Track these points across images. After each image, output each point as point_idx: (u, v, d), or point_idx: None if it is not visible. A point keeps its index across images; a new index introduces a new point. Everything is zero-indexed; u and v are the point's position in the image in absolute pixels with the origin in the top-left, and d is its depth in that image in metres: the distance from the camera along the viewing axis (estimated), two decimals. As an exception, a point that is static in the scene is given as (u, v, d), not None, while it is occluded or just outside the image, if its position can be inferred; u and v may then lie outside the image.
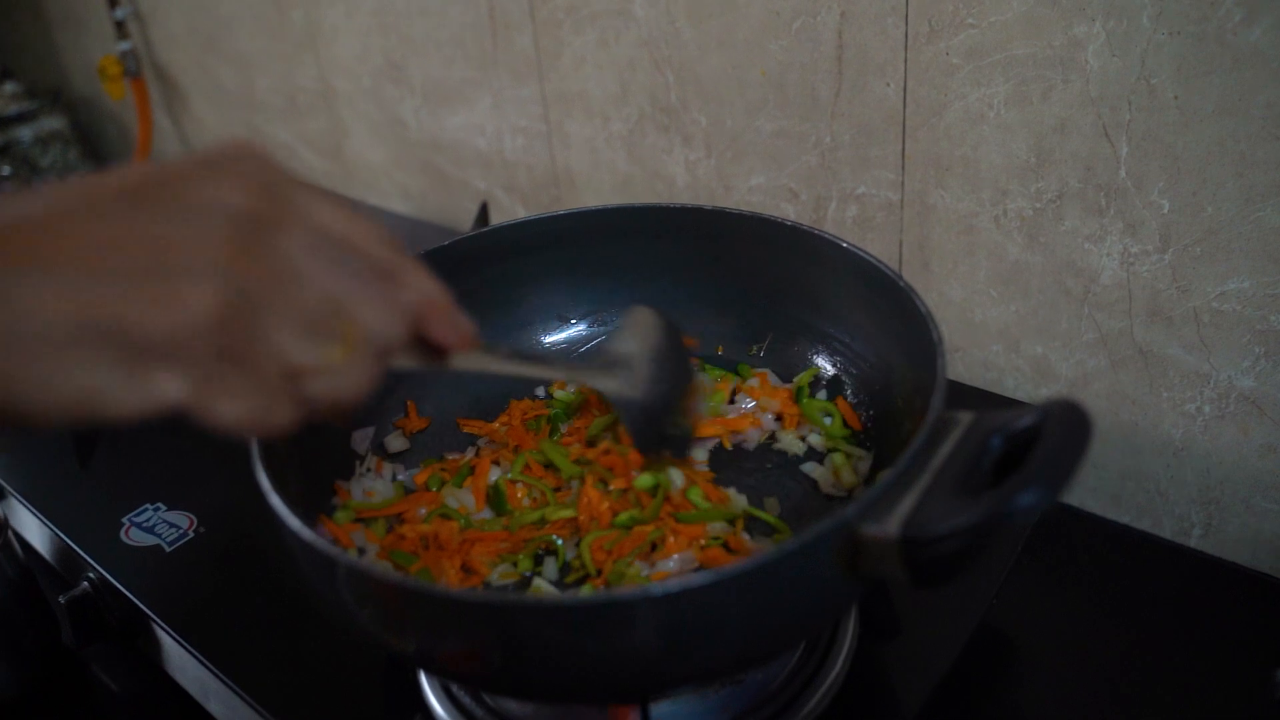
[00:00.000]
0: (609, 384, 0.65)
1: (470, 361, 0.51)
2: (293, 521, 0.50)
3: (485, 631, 0.47)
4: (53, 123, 1.96)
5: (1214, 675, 0.73)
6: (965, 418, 0.51)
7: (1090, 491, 0.94)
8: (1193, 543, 0.90)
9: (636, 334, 0.68)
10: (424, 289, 0.45)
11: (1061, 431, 0.46)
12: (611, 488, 0.71)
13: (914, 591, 0.46)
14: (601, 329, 0.87)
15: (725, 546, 0.67)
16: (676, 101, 1.07)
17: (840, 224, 1.00)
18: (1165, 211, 0.79)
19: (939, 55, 0.86)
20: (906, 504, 0.47)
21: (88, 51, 1.98)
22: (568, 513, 0.69)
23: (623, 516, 0.68)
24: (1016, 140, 0.84)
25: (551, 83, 1.19)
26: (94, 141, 2.12)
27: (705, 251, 0.81)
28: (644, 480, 0.70)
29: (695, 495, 0.70)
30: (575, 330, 0.88)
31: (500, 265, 0.82)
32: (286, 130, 1.66)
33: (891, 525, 0.46)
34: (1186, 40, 0.73)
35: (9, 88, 1.93)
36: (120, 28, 1.78)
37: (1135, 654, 0.75)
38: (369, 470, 0.75)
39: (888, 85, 0.90)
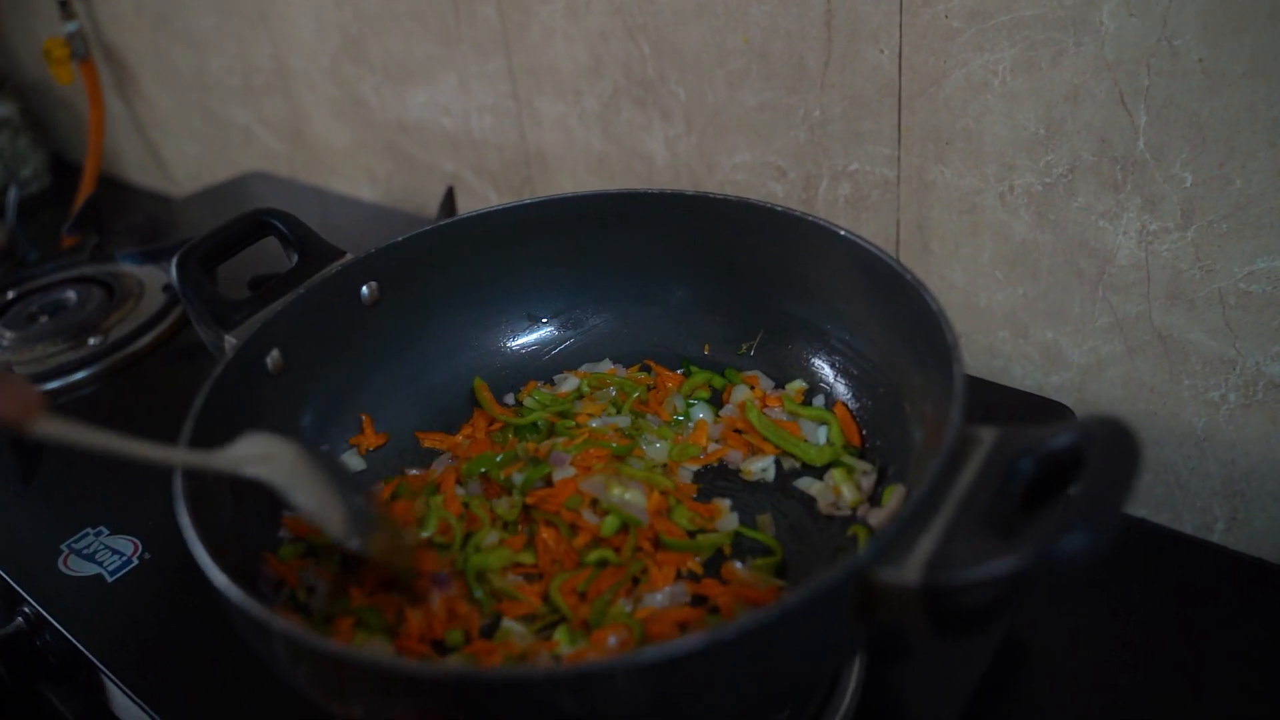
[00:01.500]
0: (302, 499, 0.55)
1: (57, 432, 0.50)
2: (218, 577, 0.43)
3: (442, 706, 0.40)
4: (2, 109, 1.87)
5: (1239, 676, 0.69)
6: (989, 436, 0.45)
7: (1105, 485, 0.88)
8: (1215, 538, 0.84)
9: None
10: None
11: (1108, 457, 0.39)
12: (576, 543, 0.63)
13: (935, 641, 0.39)
14: (572, 331, 0.80)
15: (719, 577, 0.60)
16: (653, 74, 0.99)
17: (832, 204, 0.93)
18: (1188, 185, 0.72)
19: (937, 18, 0.78)
20: (928, 544, 0.40)
21: (36, 34, 1.88)
22: (527, 558, 0.62)
23: (592, 555, 0.61)
24: (1024, 110, 0.77)
25: (519, 56, 1.11)
26: (45, 128, 2.03)
27: (687, 241, 0.74)
28: (609, 524, 0.63)
29: (680, 516, 0.63)
30: (545, 331, 0.80)
31: (464, 260, 0.75)
32: (244, 112, 1.58)
33: (912, 570, 0.40)
34: (1213, -5, 0.66)
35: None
36: (65, 8, 1.68)
37: (1155, 655, 0.71)
38: None
39: (881, 52, 0.83)
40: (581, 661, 0.53)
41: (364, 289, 0.72)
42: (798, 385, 0.73)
